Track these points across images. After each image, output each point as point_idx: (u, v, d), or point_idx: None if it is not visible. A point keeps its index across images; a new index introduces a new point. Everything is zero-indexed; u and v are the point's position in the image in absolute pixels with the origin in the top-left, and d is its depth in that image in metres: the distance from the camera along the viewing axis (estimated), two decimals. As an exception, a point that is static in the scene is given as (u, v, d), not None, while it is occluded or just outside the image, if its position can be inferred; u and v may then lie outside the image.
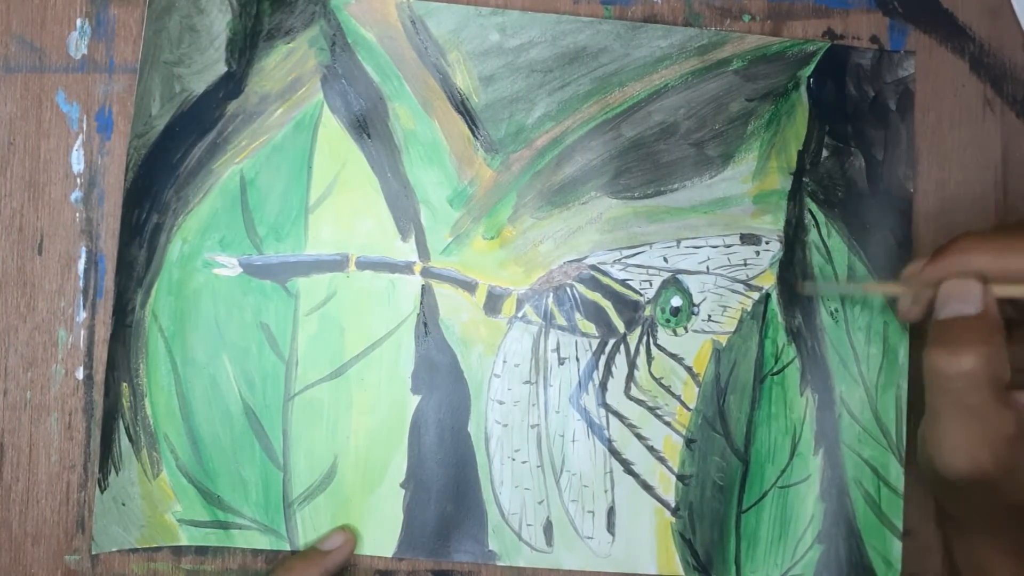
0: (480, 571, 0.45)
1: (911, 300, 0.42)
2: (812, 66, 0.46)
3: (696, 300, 0.46)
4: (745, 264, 0.46)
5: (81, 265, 0.45)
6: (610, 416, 0.45)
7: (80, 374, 0.45)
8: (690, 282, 0.46)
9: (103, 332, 0.45)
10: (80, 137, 0.46)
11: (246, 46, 0.45)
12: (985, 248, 0.40)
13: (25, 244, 0.45)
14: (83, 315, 0.45)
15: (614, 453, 0.45)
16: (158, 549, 0.45)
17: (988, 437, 0.38)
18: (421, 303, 0.45)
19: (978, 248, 0.40)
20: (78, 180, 0.45)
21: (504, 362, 0.45)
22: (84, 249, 0.45)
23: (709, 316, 0.46)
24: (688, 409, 0.46)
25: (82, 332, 0.45)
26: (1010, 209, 0.46)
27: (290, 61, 0.45)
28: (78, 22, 0.46)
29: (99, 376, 0.45)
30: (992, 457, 0.38)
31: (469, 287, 0.46)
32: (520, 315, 0.46)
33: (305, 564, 0.44)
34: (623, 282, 0.46)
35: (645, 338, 0.46)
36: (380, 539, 0.45)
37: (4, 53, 0.46)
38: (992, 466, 0.38)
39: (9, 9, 0.46)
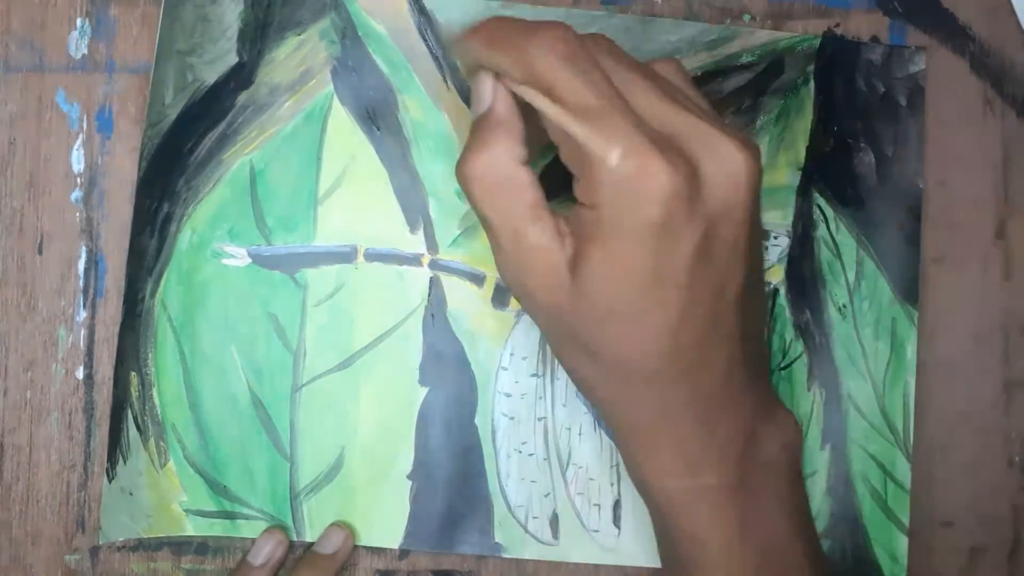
0: (480, 571, 0.45)
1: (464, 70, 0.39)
2: (821, 61, 0.46)
3: (704, 295, 0.46)
4: (753, 259, 0.46)
5: (81, 265, 0.45)
6: (617, 410, 0.45)
7: (80, 374, 0.45)
8: (698, 276, 0.46)
9: (103, 332, 0.45)
10: (80, 137, 0.46)
11: (257, 37, 0.45)
12: (495, 39, 0.35)
13: (25, 244, 0.45)
14: (83, 315, 0.45)
15: (621, 447, 0.45)
16: (159, 547, 0.45)
17: (515, 250, 0.35)
18: (429, 295, 0.45)
19: (492, 37, 0.35)
20: (78, 180, 0.45)
21: (512, 355, 0.45)
22: (84, 249, 0.45)
23: (717, 311, 0.46)
24: (695, 404, 0.46)
25: (82, 332, 0.45)
26: (1012, 210, 0.46)
27: (300, 52, 0.45)
28: (78, 22, 0.46)
29: (99, 376, 0.45)
30: (538, 285, 0.35)
31: (477, 280, 0.46)
32: (528, 308, 0.45)
33: (312, 572, 0.44)
34: (631, 276, 0.46)
35: (653, 332, 0.46)
36: (386, 531, 0.45)
37: (4, 53, 0.46)
38: (540, 294, 0.36)
39: (9, 9, 0.45)
